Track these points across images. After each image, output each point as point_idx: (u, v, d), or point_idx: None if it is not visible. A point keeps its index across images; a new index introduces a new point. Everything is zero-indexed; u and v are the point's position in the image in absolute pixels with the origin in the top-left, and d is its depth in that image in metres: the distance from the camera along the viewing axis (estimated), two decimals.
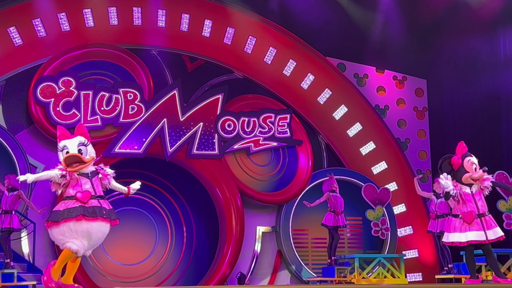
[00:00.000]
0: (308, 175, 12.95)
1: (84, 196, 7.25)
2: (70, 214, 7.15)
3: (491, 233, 8.08)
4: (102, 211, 7.22)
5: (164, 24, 12.66)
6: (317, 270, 12.64)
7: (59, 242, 7.23)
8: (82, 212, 7.14)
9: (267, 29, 13.15)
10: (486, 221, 8.09)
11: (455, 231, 8.13)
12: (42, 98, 11.76)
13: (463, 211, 8.09)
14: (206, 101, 12.61)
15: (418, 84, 14.18)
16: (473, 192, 8.13)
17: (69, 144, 7.50)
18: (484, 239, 8.05)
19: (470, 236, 8.04)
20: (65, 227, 7.16)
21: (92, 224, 7.16)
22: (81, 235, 7.16)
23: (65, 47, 12.10)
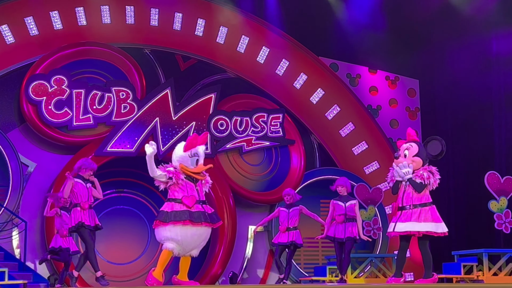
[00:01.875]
0: (300, 174, 12.96)
1: (190, 201, 7.65)
2: (176, 217, 7.56)
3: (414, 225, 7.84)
4: (206, 216, 7.65)
5: (157, 23, 12.64)
6: (309, 270, 12.65)
7: (161, 241, 7.71)
8: (189, 218, 7.56)
9: (260, 29, 13.15)
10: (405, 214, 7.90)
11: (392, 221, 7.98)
12: (34, 96, 11.73)
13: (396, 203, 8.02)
14: (198, 100, 12.61)
15: (410, 84, 14.22)
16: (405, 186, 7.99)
17: (200, 151, 7.85)
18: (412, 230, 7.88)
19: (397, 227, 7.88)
20: (172, 229, 7.57)
21: (198, 229, 7.63)
22: (185, 238, 7.58)
23: (57, 45, 12.06)
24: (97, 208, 12.00)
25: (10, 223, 11.24)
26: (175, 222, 7.54)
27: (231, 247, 12.39)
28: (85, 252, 9.36)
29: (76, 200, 9.24)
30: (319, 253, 13.22)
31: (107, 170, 11.66)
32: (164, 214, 7.64)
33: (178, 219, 7.55)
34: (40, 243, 11.67)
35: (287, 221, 10.56)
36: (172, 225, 7.56)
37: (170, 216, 7.58)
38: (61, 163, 11.93)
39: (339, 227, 10.17)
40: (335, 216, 10.24)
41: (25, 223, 11.29)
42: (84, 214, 9.20)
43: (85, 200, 9.26)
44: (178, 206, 7.64)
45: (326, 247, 13.23)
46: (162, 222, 7.60)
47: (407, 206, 7.91)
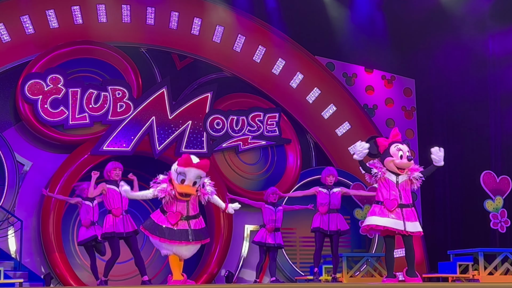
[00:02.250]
0: (296, 174, 12.96)
1: (173, 218, 7.71)
2: (158, 232, 7.71)
3: (411, 225, 7.92)
4: (188, 234, 7.70)
5: (153, 21, 12.63)
6: (305, 269, 12.65)
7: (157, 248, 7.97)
8: (168, 236, 7.69)
9: (256, 28, 13.14)
10: (408, 212, 7.97)
11: (374, 215, 7.97)
12: (30, 95, 11.71)
13: (386, 198, 7.97)
14: (195, 99, 12.60)
15: (406, 84, 14.23)
16: (399, 182, 8.01)
17: (189, 174, 7.76)
18: (402, 228, 7.90)
19: (387, 222, 7.88)
20: (157, 242, 7.77)
21: (179, 247, 7.75)
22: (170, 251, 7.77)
23: (53, 44, 12.04)
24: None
25: (6, 222, 11.22)
26: (156, 238, 7.73)
27: (227, 246, 12.40)
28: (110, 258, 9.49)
29: (109, 206, 9.30)
30: None
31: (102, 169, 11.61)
32: (150, 223, 7.80)
33: (160, 235, 7.70)
34: (36, 242, 11.64)
35: (274, 220, 10.57)
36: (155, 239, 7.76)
37: (154, 228, 7.74)
38: (57, 162, 11.91)
39: (324, 218, 10.09)
40: (318, 206, 10.14)
41: (21, 222, 11.26)
42: (117, 222, 9.26)
43: (118, 207, 9.28)
44: (163, 220, 7.75)
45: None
46: (145, 229, 7.80)
47: (409, 204, 7.96)
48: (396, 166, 7.98)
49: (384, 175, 7.98)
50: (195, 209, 7.85)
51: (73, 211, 12.16)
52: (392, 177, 8.00)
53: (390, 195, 7.94)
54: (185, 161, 7.78)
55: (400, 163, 7.96)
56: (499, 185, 10.65)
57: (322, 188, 10.25)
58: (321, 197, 10.22)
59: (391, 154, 8.00)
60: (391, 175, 8.00)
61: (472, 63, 12.83)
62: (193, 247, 7.81)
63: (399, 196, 7.93)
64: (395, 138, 8.19)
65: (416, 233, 7.96)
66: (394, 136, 8.21)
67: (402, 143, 8.12)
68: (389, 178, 7.99)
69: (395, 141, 8.14)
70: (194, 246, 7.83)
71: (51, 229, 11.51)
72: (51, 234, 11.49)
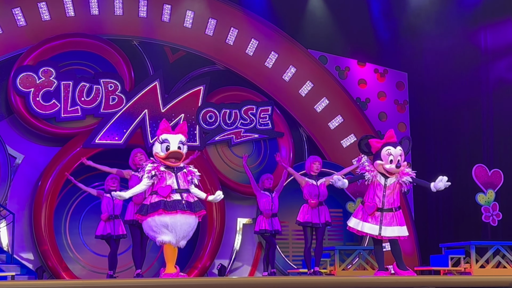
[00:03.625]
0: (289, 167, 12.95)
1: (164, 190, 7.62)
2: (152, 208, 7.58)
3: (389, 230, 7.94)
4: (183, 204, 7.58)
5: (145, 14, 12.59)
6: (298, 262, 12.68)
7: (152, 238, 7.72)
8: (163, 207, 7.54)
9: (249, 21, 13.12)
10: (389, 217, 7.97)
11: (355, 217, 8.08)
12: (21, 88, 11.66)
13: (366, 203, 8.02)
14: (187, 92, 12.59)
15: (399, 77, 14.25)
16: (387, 185, 8.02)
17: (171, 140, 7.81)
18: (376, 233, 7.95)
19: (363, 227, 7.97)
20: (152, 221, 7.58)
21: (174, 217, 7.56)
22: (167, 228, 7.54)
23: (45, 36, 11.99)
24: (86, 200, 12.04)
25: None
26: (151, 214, 7.58)
27: (219, 240, 12.40)
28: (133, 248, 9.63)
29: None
30: None
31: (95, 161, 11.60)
32: (143, 208, 7.72)
33: (153, 210, 7.58)
34: (28, 235, 11.62)
35: (270, 206, 10.52)
36: (149, 217, 7.60)
37: (147, 208, 7.64)
38: (49, 155, 11.89)
39: (314, 212, 9.73)
40: (309, 201, 9.77)
41: (13, 215, 11.24)
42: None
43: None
44: (154, 197, 7.67)
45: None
46: (141, 216, 7.70)
47: (393, 208, 7.97)
48: (386, 171, 7.99)
49: (376, 178, 8.00)
50: (185, 184, 7.78)
51: (65, 204, 12.16)
52: (381, 180, 8.02)
53: (372, 199, 7.96)
54: (165, 128, 7.93)
55: (389, 169, 7.96)
56: (491, 179, 10.70)
57: (309, 179, 9.87)
58: (310, 188, 9.82)
59: (381, 158, 7.99)
60: (381, 178, 8.02)
61: (464, 57, 12.85)
62: (187, 219, 7.63)
63: (382, 200, 7.94)
64: (390, 140, 8.15)
65: (392, 237, 7.97)
66: (389, 138, 8.17)
67: (395, 146, 8.06)
68: (378, 181, 8.01)
69: (389, 143, 8.09)
70: (188, 219, 7.65)
71: (43, 222, 11.48)
72: (43, 227, 11.47)
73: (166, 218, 7.56)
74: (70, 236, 12.20)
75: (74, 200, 12.23)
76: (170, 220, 7.57)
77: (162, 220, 7.57)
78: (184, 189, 7.75)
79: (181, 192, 7.70)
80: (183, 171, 7.84)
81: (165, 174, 7.73)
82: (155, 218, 7.58)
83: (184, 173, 7.83)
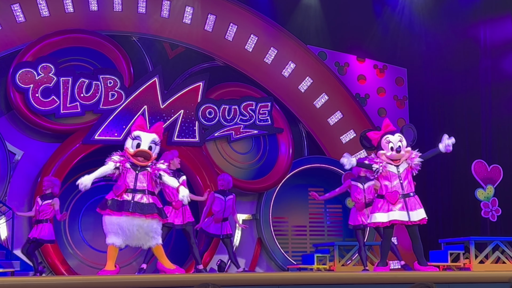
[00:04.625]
0: (288, 163, 12.97)
1: (117, 189, 7.52)
2: (103, 207, 7.52)
3: (414, 214, 7.98)
4: (129, 205, 7.43)
5: (144, 10, 12.57)
6: (297, 258, 12.69)
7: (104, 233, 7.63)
8: (110, 206, 7.47)
9: (248, 17, 13.11)
10: (411, 202, 8.01)
11: (378, 211, 8.05)
12: (21, 84, 11.65)
13: (387, 191, 8.01)
14: (186, 88, 12.58)
15: (398, 73, 14.26)
16: (400, 172, 8.04)
17: (144, 138, 7.67)
18: (406, 219, 7.96)
19: (392, 216, 7.94)
20: (104, 218, 7.54)
21: (119, 219, 7.46)
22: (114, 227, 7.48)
23: (44, 33, 11.97)
24: (85, 196, 12.03)
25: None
26: (103, 211, 7.52)
27: None
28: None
29: (169, 198, 9.35)
30: (307, 241, 13.27)
31: (94, 158, 11.61)
32: (102, 202, 7.62)
33: (103, 208, 7.51)
34: (27, 232, 11.60)
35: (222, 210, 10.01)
36: (104, 216, 7.53)
37: (102, 204, 7.57)
38: (48, 151, 11.88)
39: (363, 213, 9.60)
40: (355, 203, 9.67)
41: (12, 212, 11.24)
42: (176, 214, 9.35)
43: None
44: (111, 194, 7.59)
45: (314, 235, 13.30)
46: (100, 210, 7.61)
47: (410, 194, 7.99)
48: (388, 158, 8.01)
49: (386, 168, 8.01)
50: (147, 186, 7.58)
51: (65, 200, 12.15)
52: (393, 168, 8.03)
53: (391, 187, 7.96)
54: (140, 125, 7.79)
55: (391, 156, 7.99)
56: (490, 174, 10.71)
57: (355, 182, 9.78)
58: (356, 191, 9.73)
59: (382, 147, 8.05)
60: (392, 167, 8.02)
61: (464, 53, 12.85)
62: (134, 220, 7.45)
63: (401, 186, 7.96)
64: (387, 129, 8.21)
65: (421, 221, 8.01)
66: (386, 127, 8.23)
67: (393, 134, 8.12)
68: (390, 170, 8.01)
69: (386, 132, 8.15)
70: (136, 220, 7.46)
71: None
72: None
73: (113, 218, 7.48)
74: (70, 232, 12.21)
75: (73, 196, 12.23)
76: (116, 221, 7.47)
77: (110, 219, 7.50)
78: (141, 189, 7.54)
79: (135, 193, 7.51)
80: (146, 171, 7.63)
81: (127, 172, 7.57)
82: (106, 217, 7.52)
83: (147, 173, 7.62)
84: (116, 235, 7.49)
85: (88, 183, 7.48)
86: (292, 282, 6.53)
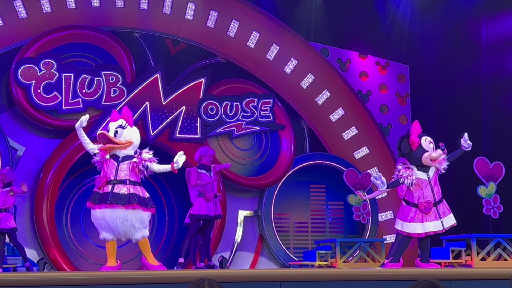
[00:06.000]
0: (290, 159, 12.97)
1: (98, 181, 7.49)
2: (89, 199, 7.56)
3: (447, 220, 7.97)
4: (108, 197, 7.35)
5: (146, 6, 12.57)
6: (299, 254, 12.70)
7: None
8: (91, 200, 7.46)
9: (250, 13, 13.10)
10: (442, 208, 7.97)
11: (412, 221, 7.90)
12: (23, 80, 11.65)
13: (420, 201, 7.92)
14: (188, 84, 12.56)
15: (400, 70, 14.24)
16: (430, 177, 7.98)
17: (111, 126, 7.79)
18: (441, 228, 7.94)
19: (427, 227, 7.88)
20: (91, 212, 7.58)
21: (103, 211, 7.43)
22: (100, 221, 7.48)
23: (46, 28, 11.97)
24: (88, 192, 12.02)
25: None
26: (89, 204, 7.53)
27: (220, 232, 12.41)
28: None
29: (202, 189, 9.49)
30: (308, 237, 13.27)
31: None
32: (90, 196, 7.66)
33: (88, 200, 7.55)
34: (29, 227, 11.64)
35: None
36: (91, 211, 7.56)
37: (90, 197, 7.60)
38: (50, 147, 11.89)
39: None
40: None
41: (14, 207, 11.24)
42: (208, 205, 9.52)
43: (210, 190, 9.55)
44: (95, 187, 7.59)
45: (315, 231, 13.30)
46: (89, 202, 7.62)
47: (442, 199, 7.98)
48: (431, 159, 7.97)
49: (415, 177, 7.92)
50: (129, 176, 7.52)
51: (67, 196, 12.17)
52: (423, 175, 7.96)
53: (424, 196, 7.90)
54: (113, 118, 7.97)
55: (436, 155, 7.98)
56: (492, 171, 10.68)
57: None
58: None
59: (426, 149, 8.00)
60: (422, 174, 7.95)
61: (466, 49, 12.83)
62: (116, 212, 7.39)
63: (432, 193, 7.92)
64: (419, 130, 8.20)
65: (453, 225, 8.03)
66: (418, 130, 8.20)
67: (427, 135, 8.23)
68: (420, 177, 7.94)
69: (421, 134, 8.17)
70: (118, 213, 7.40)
71: (44, 214, 11.50)
72: (45, 219, 11.48)
73: (96, 212, 7.48)
74: (72, 228, 12.22)
75: (75, 192, 12.24)
76: (99, 215, 7.46)
77: (94, 214, 7.52)
78: (122, 180, 7.48)
79: (116, 183, 7.46)
80: (130, 161, 7.57)
81: (108, 163, 7.54)
82: (92, 212, 7.53)
83: (130, 163, 7.56)
84: (104, 230, 7.49)
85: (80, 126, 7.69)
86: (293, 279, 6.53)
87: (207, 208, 9.84)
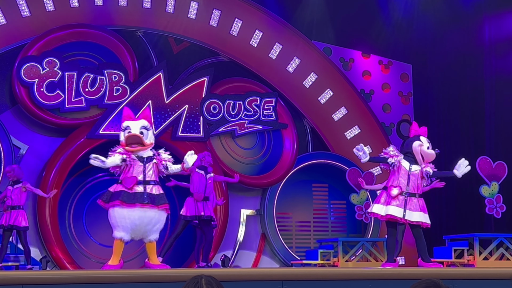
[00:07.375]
0: (292, 158, 12.97)
1: (128, 181, 7.49)
2: (114, 197, 7.48)
3: (411, 214, 8.02)
4: (143, 197, 7.43)
5: (149, 5, 12.57)
6: (301, 253, 12.70)
7: (112, 226, 7.61)
8: (121, 198, 7.43)
9: (253, 12, 13.10)
10: (412, 202, 8.04)
11: (377, 203, 8.12)
12: (26, 78, 11.66)
13: (390, 184, 8.07)
14: (191, 83, 12.57)
15: (403, 69, 14.23)
16: (411, 171, 8.10)
17: (132, 126, 7.71)
18: (401, 216, 8.00)
19: (389, 210, 8.00)
20: (112, 212, 7.51)
21: (133, 211, 7.45)
22: (125, 221, 7.45)
23: (49, 27, 11.98)
24: (90, 191, 12.06)
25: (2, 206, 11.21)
26: (112, 203, 7.50)
27: (223, 231, 12.42)
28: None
29: (193, 190, 9.53)
30: (311, 236, 13.27)
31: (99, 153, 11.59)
32: (106, 194, 7.62)
33: (114, 199, 7.50)
34: (32, 226, 11.64)
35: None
36: (111, 209, 7.52)
37: (110, 196, 7.56)
38: (53, 145, 11.90)
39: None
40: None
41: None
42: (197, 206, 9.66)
43: (200, 191, 9.63)
44: (119, 186, 7.57)
45: (318, 230, 13.30)
46: (103, 202, 7.60)
47: (416, 194, 8.00)
48: (421, 152, 8.07)
49: (401, 163, 8.08)
50: (153, 176, 7.64)
51: (69, 194, 12.18)
52: (406, 165, 8.08)
53: (397, 182, 8.02)
54: (127, 115, 7.90)
55: (426, 151, 8.10)
56: (494, 171, 10.67)
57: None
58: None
59: (421, 140, 8.15)
60: (406, 163, 8.09)
61: (468, 49, 12.82)
62: (146, 212, 7.49)
63: (407, 184, 8.00)
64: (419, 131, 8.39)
65: (420, 224, 8.04)
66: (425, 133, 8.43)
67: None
68: (403, 165, 8.08)
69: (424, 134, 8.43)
70: (148, 212, 7.51)
71: (47, 212, 11.51)
72: (47, 218, 11.50)
73: (124, 211, 7.47)
74: (74, 227, 12.23)
75: (78, 190, 12.25)
76: (127, 213, 7.47)
77: (120, 212, 7.49)
78: (151, 180, 7.60)
79: (146, 184, 7.56)
80: (153, 162, 7.68)
81: (134, 164, 7.60)
82: (115, 209, 7.49)
83: (154, 164, 7.69)
84: (124, 230, 7.50)
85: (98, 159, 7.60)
86: (295, 278, 6.54)
87: (196, 209, 9.94)
